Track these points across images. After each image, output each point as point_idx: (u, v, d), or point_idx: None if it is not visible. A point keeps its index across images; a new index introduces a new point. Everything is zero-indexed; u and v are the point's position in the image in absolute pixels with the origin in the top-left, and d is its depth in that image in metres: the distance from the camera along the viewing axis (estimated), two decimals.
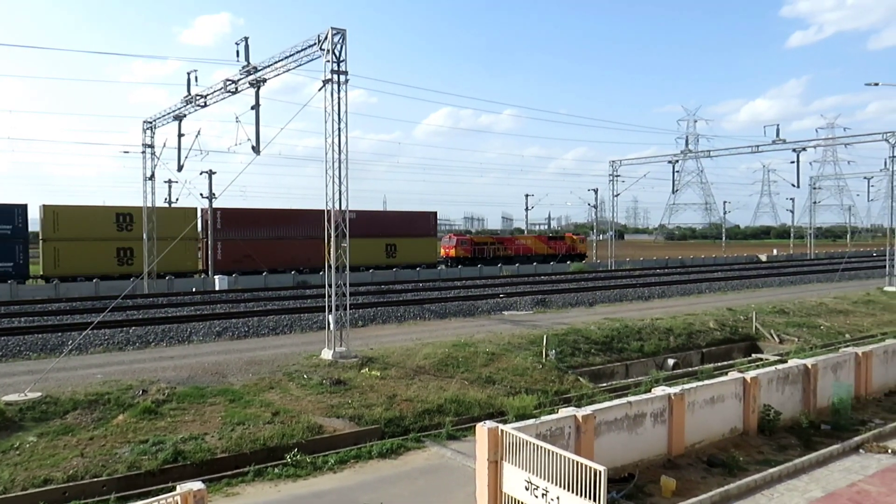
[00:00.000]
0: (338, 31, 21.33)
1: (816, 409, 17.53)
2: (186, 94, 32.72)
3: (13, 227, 42.10)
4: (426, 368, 20.71)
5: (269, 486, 13.34)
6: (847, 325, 32.81)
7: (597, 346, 25.16)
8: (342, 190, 21.55)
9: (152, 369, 19.54)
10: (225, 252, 49.36)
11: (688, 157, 69.67)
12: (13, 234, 42.05)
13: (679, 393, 14.64)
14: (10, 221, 42.03)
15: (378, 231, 57.61)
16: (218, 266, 48.57)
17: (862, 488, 12.87)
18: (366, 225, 54.14)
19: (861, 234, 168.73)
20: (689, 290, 43.25)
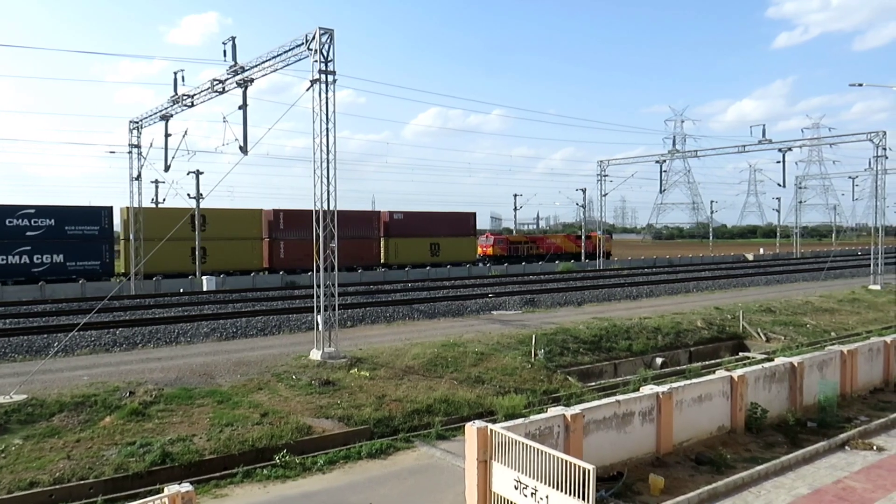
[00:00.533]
0: (325, 30, 21.28)
1: (803, 407, 17.67)
2: (173, 93, 32.56)
3: (100, 228, 45.89)
4: (415, 368, 20.70)
5: (258, 487, 13.29)
6: (833, 324, 33.10)
7: (585, 345, 25.25)
8: (330, 190, 21.49)
9: (139, 371, 19.41)
10: (286, 251, 52.49)
11: (675, 157, 70.11)
12: (100, 235, 45.82)
13: (667, 392, 14.72)
14: (97, 223, 45.82)
15: (423, 231, 60.99)
16: (281, 264, 51.75)
17: (847, 485, 12.99)
18: (413, 225, 59.50)
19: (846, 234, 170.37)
20: (677, 289, 43.48)
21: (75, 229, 45.34)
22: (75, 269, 44.80)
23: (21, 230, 43.38)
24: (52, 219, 44.42)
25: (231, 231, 50.16)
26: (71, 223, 45.23)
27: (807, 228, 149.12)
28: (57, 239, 44.41)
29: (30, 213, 43.81)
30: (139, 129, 38.32)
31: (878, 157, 45.71)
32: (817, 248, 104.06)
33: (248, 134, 27.74)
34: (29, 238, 43.46)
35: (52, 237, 44.27)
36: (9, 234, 42.80)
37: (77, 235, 45.21)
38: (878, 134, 45.26)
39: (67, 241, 44.81)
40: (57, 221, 44.61)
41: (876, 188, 47.57)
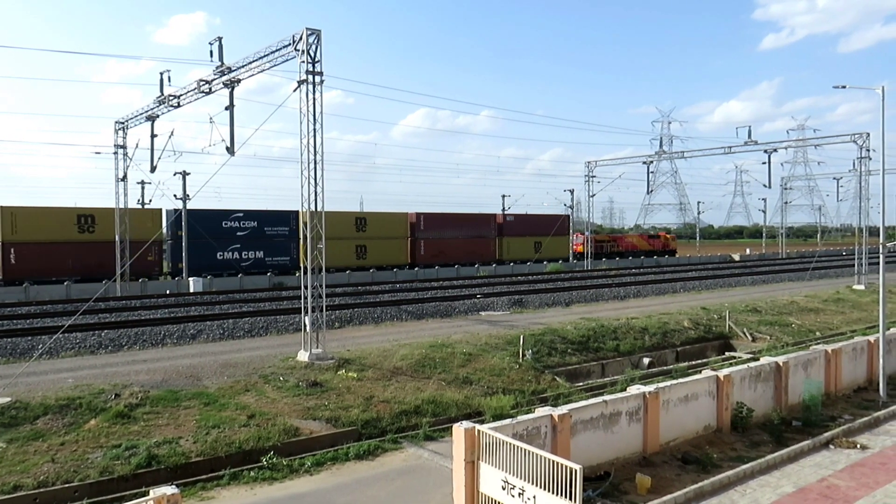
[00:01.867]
0: (312, 31, 21.24)
1: (788, 406, 17.82)
2: (159, 94, 32.37)
3: (289, 229, 52.77)
4: (403, 369, 20.69)
5: (245, 489, 13.23)
6: (818, 323, 33.40)
7: (573, 345, 25.32)
8: (318, 191, 21.44)
9: (125, 373, 19.27)
10: (426, 248, 59.73)
11: (662, 157, 70.50)
12: (289, 235, 52.79)
13: (654, 391, 14.80)
14: (286, 224, 52.71)
15: (528, 231, 68.00)
16: (420, 260, 59.09)
17: (832, 483, 13.11)
18: (520, 226, 67.35)
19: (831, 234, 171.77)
20: (664, 289, 43.70)
21: (272, 230, 52.14)
22: (272, 263, 51.89)
23: (233, 231, 50.30)
24: (255, 221, 51.43)
25: (384, 231, 57.47)
26: (268, 225, 52.04)
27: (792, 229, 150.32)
28: (258, 238, 51.43)
29: (239, 217, 51.13)
30: (125, 130, 38.06)
31: (862, 158, 46.17)
32: (803, 249, 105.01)
33: (234, 134, 27.67)
34: (238, 237, 50.48)
35: (255, 237, 51.33)
36: (224, 234, 49.67)
37: (273, 235, 52.21)
38: (862, 136, 45.74)
39: (266, 240, 51.91)
40: (258, 223, 51.51)
41: (860, 189, 48.07)
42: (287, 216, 52.86)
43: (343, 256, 53.68)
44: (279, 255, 52.30)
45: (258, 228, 51.50)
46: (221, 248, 49.15)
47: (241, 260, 50.17)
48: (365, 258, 55.67)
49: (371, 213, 59.04)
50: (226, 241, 49.57)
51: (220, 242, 49.05)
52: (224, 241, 49.43)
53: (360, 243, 55.82)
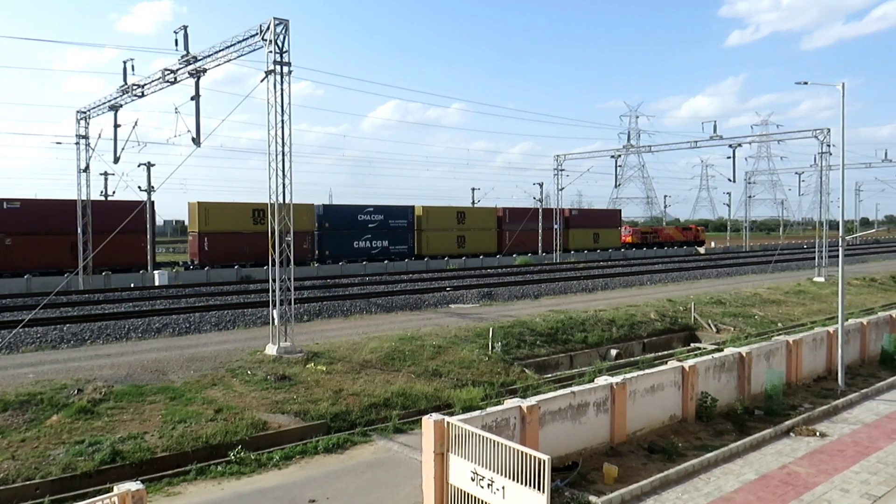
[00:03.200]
0: (280, 21, 20.97)
1: (751, 396, 18.20)
2: (123, 83, 31.67)
3: (407, 222, 61.06)
4: (373, 362, 20.64)
5: (213, 484, 13.08)
6: (779, 315, 34.15)
7: (542, 337, 25.52)
8: (286, 183, 21.22)
9: (88, 368, 18.90)
10: (510, 238, 67.77)
11: (630, 152, 71.32)
12: (407, 226, 61.05)
13: (621, 382, 14.98)
14: (406, 217, 61.05)
15: (588, 224, 77.33)
16: (506, 248, 66.68)
17: (792, 470, 13.44)
18: (581, 220, 77.13)
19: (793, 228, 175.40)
20: (632, 282, 44.24)
21: (395, 222, 60.10)
22: (395, 251, 59.57)
23: (365, 223, 58.08)
24: (382, 215, 59.34)
25: (479, 224, 66.14)
26: (392, 218, 59.96)
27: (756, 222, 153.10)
28: (384, 229, 59.35)
29: (370, 211, 58.91)
30: (87, 120, 37.19)
31: (823, 153, 47.18)
32: (766, 242, 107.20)
33: (200, 125, 27.19)
34: (370, 229, 58.45)
35: (382, 228, 59.24)
36: (359, 226, 57.82)
37: (395, 227, 60.18)
38: (823, 131, 46.70)
39: (390, 230, 59.82)
40: (384, 217, 59.44)
41: (821, 184, 49.14)
42: (406, 210, 61.38)
43: (446, 246, 63.23)
44: (400, 243, 60.36)
45: (384, 221, 59.29)
46: (356, 238, 57.48)
47: (371, 248, 58.28)
48: (464, 247, 64.55)
49: (469, 208, 68.92)
50: (360, 232, 57.78)
51: (355, 233, 57.43)
52: (358, 232, 57.70)
53: (461, 234, 64.97)
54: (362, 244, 57.54)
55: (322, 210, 55.97)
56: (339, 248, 55.73)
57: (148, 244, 45.61)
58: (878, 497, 12.09)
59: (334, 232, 55.62)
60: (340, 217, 56.88)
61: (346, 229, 56.90)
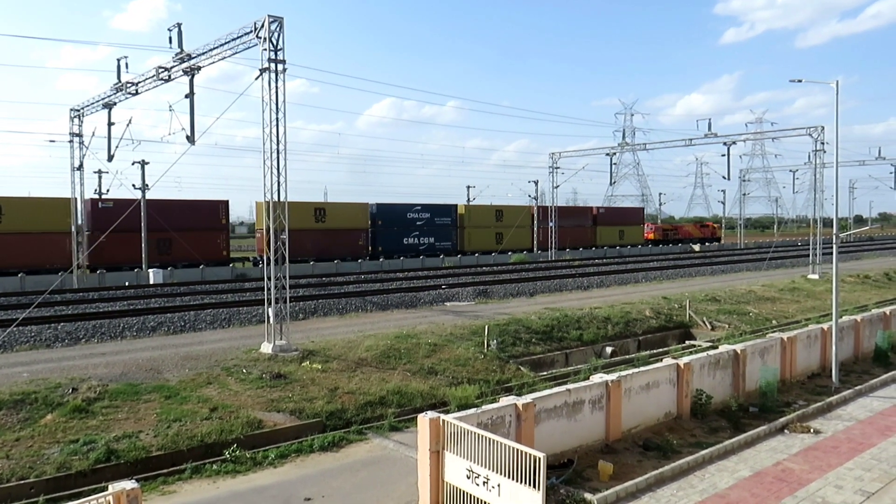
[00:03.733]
0: (275, 18, 20.93)
1: (745, 393, 18.27)
2: (117, 81, 31.56)
3: (451, 219, 65.04)
4: (368, 360, 20.64)
5: (208, 483, 13.07)
6: (774, 312, 34.26)
7: (537, 335, 25.55)
8: (280, 181, 21.19)
9: (83, 366, 18.85)
10: (544, 235, 68.55)
11: (625, 149, 71.54)
12: (451, 224, 64.89)
13: (616, 380, 15.02)
14: (449, 215, 64.91)
15: (615, 221, 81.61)
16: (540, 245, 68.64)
17: (786, 466, 13.50)
18: (609, 217, 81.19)
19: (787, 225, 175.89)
20: (627, 279, 44.31)
21: (440, 220, 64.01)
22: (440, 247, 63.38)
23: (413, 221, 62.31)
24: (429, 213, 63.21)
25: (515, 221, 68.95)
26: (438, 216, 63.90)
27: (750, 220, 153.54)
28: (431, 227, 63.26)
29: (418, 209, 62.85)
30: (81, 118, 37.04)
31: (817, 151, 47.27)
32: (760, 239, 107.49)
33: (195, 123, 27.13)
34: (417, 226, 62.36)
35: (429, 225, 63.16)
36: (407, 223, 61.82)
37: (441, 224, 64.14)
38: (817, 129, 46.80)
39: (436, 228, 63.76)
40: (431, 215, 63.36)
41: (815, 181, 49.25)
42: (450, 209, 65.55)
43: (486, 242, 66.97)
44: (445, 240, 64.15)
45: (430, 219, 63.28)
46: (406, 235, 61.44)
47: (419, 244, 62.21)
48: (501, 243, 67.30)
49: (506, 207, 71.71)
50: (409, 229, 61.80)
51: (404, 230, 61.46)
52: (407, 229, 61.72)
53: (499, 231, 68.35)
54: (411, 240, 61.94)
55: (375, 209, 60.26)
56: (391, 244, 60.19)
57: (143, 241, 45.43)
58: (872, 493, 12.15)
59: (386, 229, 60.15)
60: (391, 215, 61.06)
61: (397, 226, 61.31)
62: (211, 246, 49.30)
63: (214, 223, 49.91)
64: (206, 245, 48.65)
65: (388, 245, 59.82)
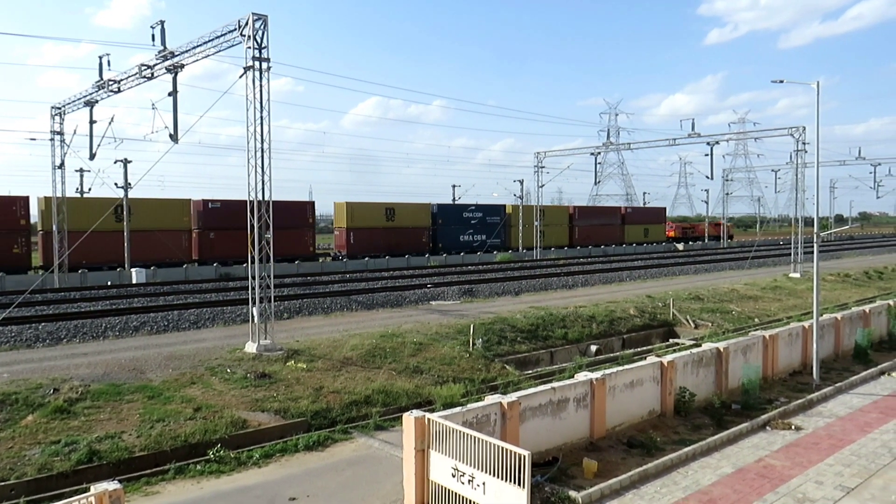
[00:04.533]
0: (259, 16, 20.81)
1: (728, 390, 18.43)
2: (98, 78, 31.25)
3: (500, 217, 70.09)
4: (353, 360, 20.60)
5: (191, 483, 12.99)
6: (756, 310, 34.59)
7: (522, 334, 25.62)
8: (265, 180, 21.08)
9: (64, 367, 18.65)
10: (579, 233, 77.21)
11: (609, 149, 71.83)
12: (500, 222, 70.09)
13: (600, 378, 15.10)
14: (499, 214, 70.24)
15: (640, 220, 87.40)
16: (575, 242, 76.18)
17: (768, 463, 13.64)
18: (635, 216, 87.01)
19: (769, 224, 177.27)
20: (611, 278, 44.52)
21: (490, 219, 69.32)
22: (491, 243, 68.09)
23: (468, 220, 68.05)
24: (481, 213, 68.92)
25: (555, 220, 74.21)
26: (489, 215, 69.30)
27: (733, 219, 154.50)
28: (483, 225, 68.84)
29: (472, 209, 68.86)
30: (62, 116, 36.62)
31: (799, 151, 47.82)
32: (743, 238, 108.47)
33: (178, 121, 26.92)
34: (472, 224, 68.01)
35: (482, 224, 68.81)
36: (464, 222, 67.45)
37: (491, 223, 69.45)
38: (799, 129, 47.31)
39: (487, 226, 69.16)
40: (483, 214, 69.00)
41: (796, 181, 49.80)
42: (500, 209, 71.24)
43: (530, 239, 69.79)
44: (495, 237, 69.41)
45: (483, 218, 68.74)
46: (462, 233, 67.11)
47: (472, 241, 67.67)
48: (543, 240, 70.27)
49: (548, 207, 74.69)
50: (465, 227, 67.35)
51: (461, 228, 67.03)
52: (463, 228, 67.28)
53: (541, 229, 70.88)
54: (466, 237, 67.85)
55: (436, 209, 66.07)
56: (450, 241, 65.76)
57: (125, 242, 45.03)
58: (852, 489, 12.31)
59: (445, 227, 65.72)
60: (450, 215, 66.97)
61: (454, 225, 66.79)
62: (301, 242, 54.58)
63: (304, 221, 55.26)
64: (297, 242, 53.88)
65: (446, 242, 65.45)
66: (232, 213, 48.56)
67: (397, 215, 61.49)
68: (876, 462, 13.67)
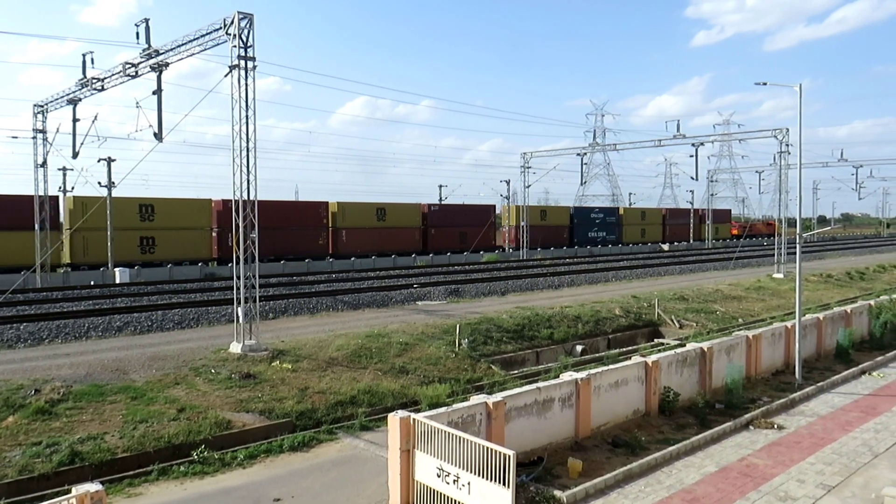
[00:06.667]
0: (245, 15, 20.71)
1: (712, 390, 18.57)
2: (82, 76, 30.95)
3: (616, 217, 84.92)
4: (339, 360, 20.55)
5: (175, 484, 12.90)
6: (740, 310, 34.88)
7: (508, 334, 25.67)
8: (251, 179, 20.98)
9: (46, 367, 18.46)
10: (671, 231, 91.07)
11: (595, 150, 72.18)
12: (615, 222, 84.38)
13: (585, 378, 15.16)
14: (614, 215, 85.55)
15: (714, 220, 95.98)
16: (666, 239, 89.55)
17: (751, 462, 13.76)
18: (715, 217, 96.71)
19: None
20: (597, 278, 44.69)
21: (609, 218, 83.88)
22: (608, 239, 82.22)
23: (594, 219, 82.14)
24: (603, 214, 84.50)
25: (651, 220, 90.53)
26: (608, 215, 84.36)
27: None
28: (603, 224, 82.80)
29: (597, 211, 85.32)
30: (44, 114, 36.23)
31: (782, 152, 48.24)
32: (727, 239, 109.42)
33: (163, 120, 26.71)
34: (596, 223, 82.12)
35: (603, 223, 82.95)
36: (591, 221, 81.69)
37: (610, 222, 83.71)
38: (782, 131, 47.73)
39: (606, 224, 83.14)
40: (604, 215, 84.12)
41: (780, 182, 50.28)
42: (615, 210, 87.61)
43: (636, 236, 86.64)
44: (612, 234, 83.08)
45: (604, 218, 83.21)
46: (589, 230, 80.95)
47: (596, 237, 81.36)
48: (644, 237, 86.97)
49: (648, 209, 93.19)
50: (591, 226, 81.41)
51: (589, 226, 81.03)
52: (590, 226, 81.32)
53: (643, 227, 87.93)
54: (592, 234, 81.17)
55: (573, 210, 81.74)
56: (582, 236, 79.49)
57: (108, 239, 44.60)
58: (833, 487, 12.45)
59: (580, 225, 79.94)
60: (582, 215, 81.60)
61: (585, 223, 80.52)
62: (485, 238, 67.65)
63: (485, 220, 68.46)
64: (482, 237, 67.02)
65: (579, 237, 78.85)
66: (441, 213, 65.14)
67: (549, 215, 76.47)
68: (857, 460, 13.83)
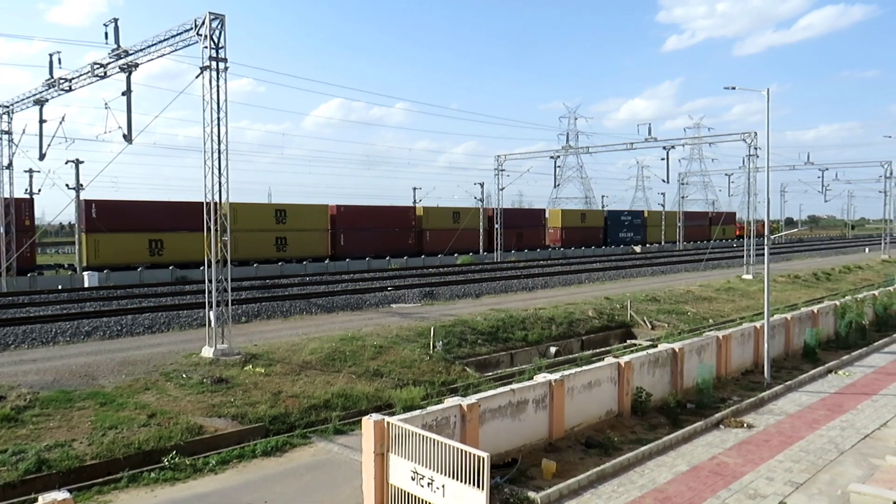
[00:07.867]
0: (216, 16, 20.52)
1: (683, 390, 18.80)
2: (49, 76, 30.40)
3: (641, 220, 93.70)
4: (313, 363, 20.42)
5: (145, 491, 12.70)
6: (711, 311, 35.37)
7: (483, 336, 25.72)
8: (222, 181, 20.77)
9: (12, 373, 18.06)
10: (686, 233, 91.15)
11: (569, 152, 72.65)
12: (640, 224, 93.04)
13: (559, 379, 15.26)
14: (640, 218, 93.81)
15: (723, 222, 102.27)
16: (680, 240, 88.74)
17: (721, 460, 13.96)
18: (719, 219, 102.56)
19: None
20: (571, 280, 45.02)
21: (635, 220, 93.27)
22: (634, 240, 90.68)
23: (623, 221, 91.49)
24: (629, 216, 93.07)
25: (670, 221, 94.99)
26: (633, 217, 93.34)
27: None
28: (630, 225, 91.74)
29: (626, 214, 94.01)
30: (10, 114, 35.56)
31: (751, 155, 49.02)
32: (698, 241, 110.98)
33: (133, 121, 26.35)
34: (625, 225, 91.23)
35: (630, 225, 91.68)
36: (621, 223, 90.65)
37: (636, 224, 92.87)
38: (751, 134, 48.50)
39: (633, 226, 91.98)
40: (631, 218, 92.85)
41: (749, 185, 51.10)
42: (640, 213, 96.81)
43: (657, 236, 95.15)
44: (637, 234, 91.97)
45: (631, 220, 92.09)
46: (619, 231, 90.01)
47: (624, 238, 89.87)
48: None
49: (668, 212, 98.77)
50: (621, 228, 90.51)
51: (619, 228, 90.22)
52: (621, 228, 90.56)
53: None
54: (621, 235, 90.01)
55: (607, 213, 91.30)
56: (614, 237, 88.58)
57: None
58: (800, 484, 12.68)
59: (612, 227, 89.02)
60: (615, 217, 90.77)
61: (616, 225, 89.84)
62: (534, 237, 76.87)
63: (537, 222, 79.87)
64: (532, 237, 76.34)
65: (613, 237, 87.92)
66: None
67: (588, 218, 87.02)
68: (823, 458, 14.11)
